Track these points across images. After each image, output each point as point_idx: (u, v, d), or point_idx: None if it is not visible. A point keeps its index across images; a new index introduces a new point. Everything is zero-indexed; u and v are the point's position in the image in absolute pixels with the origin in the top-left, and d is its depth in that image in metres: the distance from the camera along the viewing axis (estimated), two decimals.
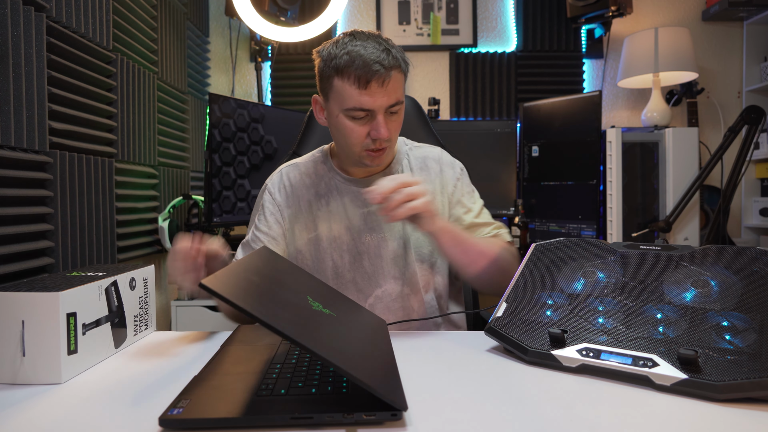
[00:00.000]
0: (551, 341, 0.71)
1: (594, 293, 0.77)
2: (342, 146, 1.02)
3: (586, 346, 0.69)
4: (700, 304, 0.69)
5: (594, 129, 2.04)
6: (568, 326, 0.73)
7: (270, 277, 0.72)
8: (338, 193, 1.07)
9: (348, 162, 1.06)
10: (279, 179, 1.11)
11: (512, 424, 0.55)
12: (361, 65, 0.91)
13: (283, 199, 1.09)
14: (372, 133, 0.96)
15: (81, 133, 1.41)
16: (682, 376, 0.60)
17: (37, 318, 0.67)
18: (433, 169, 1.11)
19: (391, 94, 0.94)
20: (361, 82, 0.92)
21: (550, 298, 0.80)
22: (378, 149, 0.98)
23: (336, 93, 0.96)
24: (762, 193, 2.61)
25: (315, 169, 1.10)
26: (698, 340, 0.64)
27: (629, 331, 0.69)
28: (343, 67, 0.93)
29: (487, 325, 0.80)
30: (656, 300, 0.72)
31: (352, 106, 0.93)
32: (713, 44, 2.65)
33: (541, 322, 0.76)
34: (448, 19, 2.63)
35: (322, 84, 1.00)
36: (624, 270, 0.79)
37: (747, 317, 0.65)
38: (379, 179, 1.04)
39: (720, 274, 0.72)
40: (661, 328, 0.67)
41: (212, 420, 0.55)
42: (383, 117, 0.95)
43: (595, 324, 0.72)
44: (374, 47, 0.93)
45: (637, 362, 0.63)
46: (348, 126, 0.96)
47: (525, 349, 0.73)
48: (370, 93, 0.92)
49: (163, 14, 2.01)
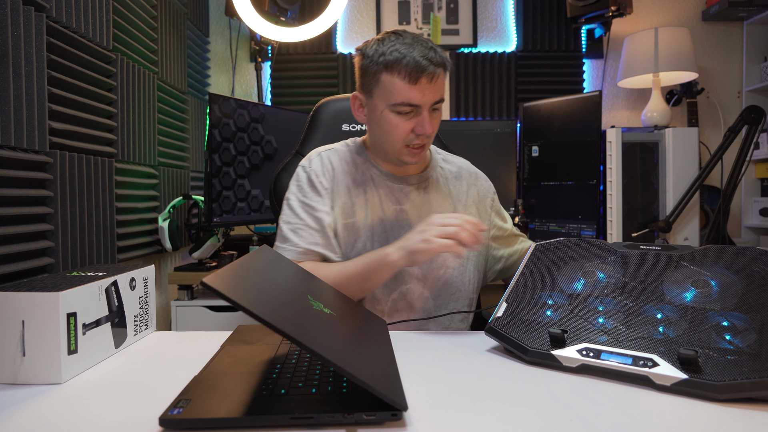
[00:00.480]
0: (551, 341, 0.71)
1: (594, 293, 0.77)
2: (383, 142, 1.04)
3: (586, 346, 0.69)
4: (700, 304, 0.69)
5: (594, 129, 2.04)
6: (568, 326, 0.73)
7: (270, 277, 0.72)
8: (374, 184, 1.09)
9: (386, 159, 1.08)
10: (320, 162, 1.10)
11: (512, 424, 0.55)
12: (412, 62, 0.94)
13: (328, 182, 1.08)
14: (417, 129, 0.99)
15: (81, 133, 1.41)
16: (683, 376, 0.60)
17: (37, 318, 0.67)
18: (467, 180, 1.16)
19: (437, 91, 0.98)
20: (411, 78, 0.95)
21: (550, 298, 0.80)
22: (419, 146, 1.02)
23: (383, 88, 0.98)
24: (762, 193, 2.60)
25: (352, 158, 1.11)
26: (698, 340, 0.64)
27: (629, 331, 0.69)
28: (393, 63, 0.96)
29: (487, 325, 0.81)
30: (656, 300, 0.72)
31: (401, 101, 0.96)
32: (713, 44, 2.65)
33: (541, 322, 0.76)
34: (448, 19, 2.63)
35: (365, 80, 1.02)
36: (624, 270, 0.79)
37: (747, 317, 0.65)
38: (411, 180, 1.10)
39: (720, 274, 0.72)
40: (661, 328, 0.67)
41: (212, 420, 0.55)
42: (428, 113, 0.99)
43: (595, 324, 0.72)
44: (422, 45, 0.97)
45: (637, 362, 0.63)
46: (393, 121, 0.99)
47: (525, 349, 0.73)
48: (420, 88, 0.96)
49: (163, 14, 2.01)
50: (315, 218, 1.05)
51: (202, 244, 1.86)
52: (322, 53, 2.61)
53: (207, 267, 1.89)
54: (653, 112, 2.30)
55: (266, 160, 2.01)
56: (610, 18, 2.41)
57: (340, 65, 2.61)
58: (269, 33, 2.22)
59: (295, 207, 1.07)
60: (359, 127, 1.36)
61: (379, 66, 0.98)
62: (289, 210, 1.08)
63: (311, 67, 2.62)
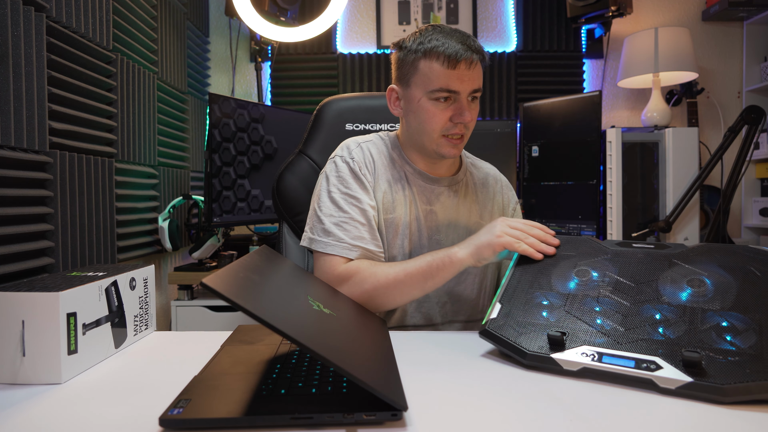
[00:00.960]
0: (550, 343, 0.69)
1: (589, 293, 0.76)
2: (420, 133, 1.02)
3: (587, 349, 0.67)
4: (698, 304, 0.68)
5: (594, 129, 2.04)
6: (566, 327, 0.72)
7: (270, 277, 0.72)
8: (408, 182, 1.07)
9: (423, 152, 1.06)
10: (362, 153, 1.06)
11: (513, 424, 0.55)
12: (451, 47, 0.95)
13: (370, 174, 1.05)
14: (455, 117, 0.97)
15: (81, 133, 1.41)
16: (688, 380, 0.58)
17: (37, 318, 0.67)
18: (493, 187, 1.16)
19: (475, 78, 0.97)
20: (450, 62, 0.94)
21: (545, 298, 0.78)
22: (458, 137, 1.00)
23: (421, 75, 0.98)
24: (762, 193, 2.60)
25: (387, 152, 1.09)
26: (699, 341, 0.63)
27: (628, 332, 0.68)
28: (431, 49, 0.96)
29: (482, 328, 0.78)
30: (653, 300, 0.71)
31: (439, 86, 0.96)
32: (713, 44, 2.65)
33: (538, 324, 0.74)
34: (448, 19, 2.62)
35: (402, 71, 1.02)
36: (618, 269, 0.78)
37: (746, 317, 0.65)
38: (443, 182, 1.08)
39: (715, 273, 0.72)
40: (661, 329, 0.67)
41: (212, 420, 0.55)
42: (466, 101, 0.98)
43: (593, 325, 0.71)
44: (461, 34, 0.97)
45: (640, 365, 0.62)
46: (430, 110, 0.98)
47: (523, 352, 0.70)
48: (459, 74, 0.95)
49: (163, 14, 2.01)
50: (361, 210, 1.00)
51: (202, 244, 1.86)
52: (322, 53, 2.61)
53: (207, 267, 1.89)
54: (653, 112, 2.30)
55: (266, 160, 2.01)
56: (610, 18, 2.41)
57: (340, 65, 2.61)
58: (269, 33, 2.22)
59: (338, 199, 1.00)
60: (362, 126, 1.36)
61: (418, 54, 0.97)
62: (331, 203, 1.01)
63: (311, 67, 2.62)
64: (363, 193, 1.01)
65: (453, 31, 0.98)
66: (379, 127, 1.37)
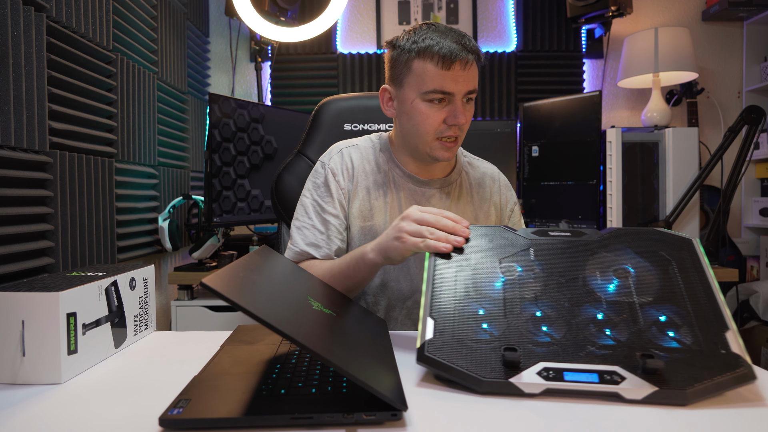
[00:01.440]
0: (505, 365, 0.62)
1: (524, 294, 0.71)
2: (413, 135, 1.00)
3: (545, 366, 0.62)
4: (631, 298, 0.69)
5: (594, 129, 2.04)
6: (514, 341, 0.65)
7: (270, 277, 0.72)
8: (395, 186, 1.05)
9: (415, 155, 1.04)
10: (341, 160, 1.06)
11: (513, 424, 0.55)
12: (445, 47, 0.92)
13: (346, 182, 1.05)
14: (449, 119, 0.95)
15: (81, 133, 1.41)
16: (652, 389, 0.58)
17: (37, 318, 0.67)
18: (489, 187, 1.13)
19: (470, 79, 0.95)
20: (444, 63, 0.92)
21: (479, 306, 0.69)
22: (451, 139, 0.98)
23: (414, 76, 0.95)
24: (762, 193, 2.60)
25: (375, 156, 1.08)
26: (647, 341, 0.64)
27: (580, 339, 0.65)
28: (425, 49, 0.93)
29: (420, 353, 0.65)
30: (589, 298, 0.69)
31: (433, 87, 0.93)
32: (713, 44, 2.65)
33: (482, 340, 0.65)
34: (448, 19, 2.62)
35: (395, 71, 0.99)
36: (543, 263, 0.74)
37: (678, 309, 0.67)
38: (435, 185, 1.06)
39: (634, 261, 0.73)
40: (608, 331, 0.65)
41: (212, 420, 0.55)
42: (461, 102, 0.95)
43: (540, 335, 0.66)
44: (456, 33, 0.95)
45: (603, 378, 0.60)
46: (424, 111, 0.96)
47: (478, 380, 0.61)
48: (453, 75, 0.93)
49: (163, 14, 2.01)
50: (323, 220, 1.02)
51: (202, 244, 1.86)
52: (322, 53, 2.61)
53: (207, 267, 1.89)
54: (653, 112, 2.30)
55: (266, 160, 2.01)
56: (610, 18, 2.41)
57: (340, 65, 2.61)
58: (269, 33, 2.22)
59: (307, 206, 1.05)
60: (361, 126, 1.36)
61: (411, 53, 0.95)
62: (302, 207, 1.06)
63: (311, 67, 2.62)
64: (329, 203, 1.03)
65: (448, 29, 0.95)
66: (377, 127, 1.37)
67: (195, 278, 1.83)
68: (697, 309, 0.67)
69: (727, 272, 1.95)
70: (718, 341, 0.63)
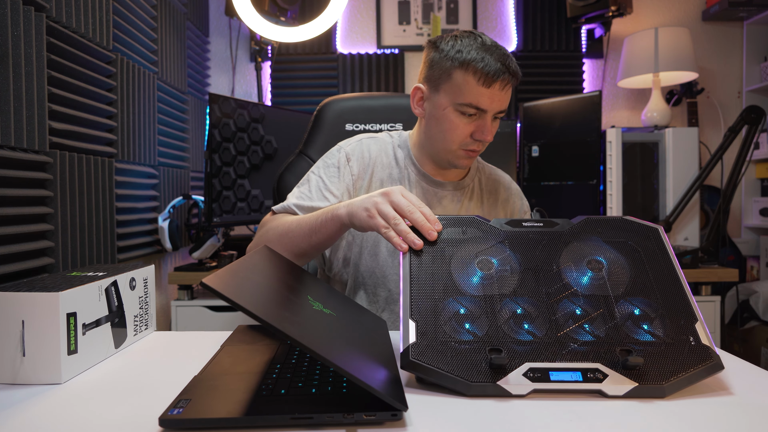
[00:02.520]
0: (491, 368, 0.62)
1: (502, 288, 0.70)
2: (438, 140, 1.01)
3: (531, 367, 0.62)
4: (605, 291, 0.70)
5: (594, 129, 2.04)
6: (498, 342, 0.65)
7: (271, 277, 0.72)
8: (409, 183, 1.06)
9: (434, 158, 1.05)
10: (359, 147, 1.07)
11: (514, 424, 0.55)
12: (491, 65, 0.92)
13: (359, 170, 1.05)
14: (476, 134, 0.97)
15: (81, 133, 1.41)
16: (632, 385, 0.61)
17: (37, 318, 0.67)
18: (501, 196, 1.14)
19: (505, 100, 0.96)
20: (486, 80, 0.93)
21: (459, 304, 0.69)
22: (474, 150, 1.00)
23: (453, 85, 0.96)
24: (762, 193, 2.60)
25: (393, 151, 1.09)
26: (624, 335, 0.66)
27: (561, 337, 0.66)
28: (470, 61, 0.93)
29: (405, 359, 0.64)
30: (567, 291, 0.70)
31: (469, 101, 0.94)
32: (713, 44, 2.65)
33: (464, 341, 0.65)
34: (448, 19, 2.63)
35: (434, 73, 0.99)
36: (518, 255, 0.74)
37: (650, 301, 0.69)
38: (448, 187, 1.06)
39: (605, 251, 0.75)
40: (587, 326, 0.67)
41: (212, 420, 0.55)
42: (490, 120, 0.97)
43: (522, 334, 0.66)
44: (500, 51, 0.95)
45: (587, 376, 0.62)
46: (454, 121, 0.97)
47: (467, 384, 0.61)
48: (491, 93, 0.94)
49: (163, 14, 2.01)
50: (321, 196, 1.02)
51: (202, 244, 1.86)
52: (322, 53, 2.61)
53: (207, 267, 1.89)
54: (653, 112, 2.30)
55: (266, 160, 2.02)
56: (610, 18, 2.41)
57: (340, 65, 2.61)
58: (269, 33, 2.22)
59: (311, 179, 1.05)
60: (362, 126, 1.36)
61: (455, 62, 0.94)
62: (305, 180, 1.06)
63: (311, 67, 2.62)
64: (335, 183, 1.03)
65: (494, 45, 0.96)
66: (378, 127, 1.37)
67: (195, 278, 1.83)
68: (667, 301, 0.70)
69: (727, 272, 1.95)
70: (688, 333, 0.66)
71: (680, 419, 0.56)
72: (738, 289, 2.23)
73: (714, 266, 1.99)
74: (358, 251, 1.06)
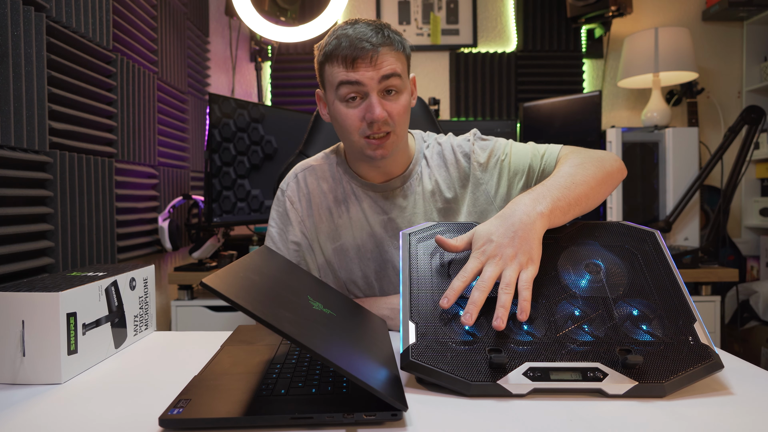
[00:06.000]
0: (491, 368, 0.62)
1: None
2: (344, 138, 0.98)
3: (531, 366, 0.62)
4: (604, 293, 0.71)
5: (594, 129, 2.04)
6: (495, 341, 0.65)
7: (271, 277, 0.72)
8: (356, 198, 1.03)
9: (354, 158, 1.02)
10: (296, 186, 1.05)
11: (514, 424, 0.55)
12: (347, 45, 0.89)
13: (304, 208, 1.04)
14: (366, 116, 0.90)
15: (81, 133, 1.41)
16: (632, 384, 0.61)
17: (37, 318, 0.67)
18: (450, 164, 1.05)
19: (385, 69, 0.90)
20: (347, 62, 0.89)
21: (457, 306, 0.69)
22: (379, 136, 0.92)
23: (328, 80, 0.95)
24: (762, 193, 2.60)
25: (331, 173, 1.05)
26: (624, 335, 0.66)
27: (560, 337, 0.66)
28: (331, 51, 0.92)
29: (405, 359, 0.64)
30: (565, 293, 0.71)
31: (340, 81, 0.91)
32: (713, 44, 2.65)
33: (464, 342, 0.65)
34: (448, 19, 2.63)
35: (319, 76, 0.99)
36: None
37: (649, 302, 0.70)
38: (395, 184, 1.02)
39: (603, 255, 0.75)
40: (586, 327, 0.67)
41: (212, 420, 0.55)
42: (377, 97, 0.91)
43: (521, 334, 0.66)
44: (364, 27, 0.91)
45: (586, 375, 0.62)
46: (342, 111, 0.93)
47: (466, 384, 0.61)
48: (361, 72, 0.90)
49: (163, 14, 2.01)
50: (287, 247, 1.04)
51: (202, 244, 1.86)
52: None
53: (207, 267, 1.89)
54: (653, 112, 2.30)
55: (266, 160, 2.02)
56: (610, 18, 2.41)
57: None
58: (269, 33, 2.22)
59: (273, 235, 1.06)
60: None
61: (323, 57, 0.94)
62: (269, 238, 1.07)
63: (311, 67, 2.61)
64: (291, 231, 1.04)
65: (359, 23, 0.93)
66: None
67: (195, 278, 1.83)
68: (665, 301, 0.70)
69: (727, 272, 1.95)
70: (687, 333, 0.66)
71: (680, 419, 0.56)
72: (738, 289, 2.23)
73: (714, 266, 1.99)
74: (332, 274, 1.05)
